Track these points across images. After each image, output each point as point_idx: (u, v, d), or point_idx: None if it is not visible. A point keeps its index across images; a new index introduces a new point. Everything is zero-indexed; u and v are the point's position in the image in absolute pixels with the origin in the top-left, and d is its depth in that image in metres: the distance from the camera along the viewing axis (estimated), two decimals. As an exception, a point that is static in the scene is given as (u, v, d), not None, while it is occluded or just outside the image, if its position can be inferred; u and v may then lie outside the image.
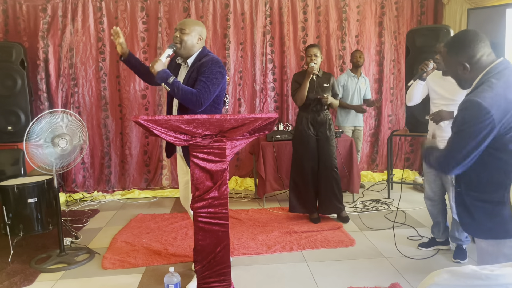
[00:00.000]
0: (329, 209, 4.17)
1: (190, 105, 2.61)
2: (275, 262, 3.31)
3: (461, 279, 1.26)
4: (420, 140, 2.48)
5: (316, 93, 3.97)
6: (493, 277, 1.24)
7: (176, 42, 2.72)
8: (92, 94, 5.41)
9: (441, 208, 3.34)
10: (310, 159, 4.06)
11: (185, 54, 2.76)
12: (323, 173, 4.08)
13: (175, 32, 2.76)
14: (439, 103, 3.16)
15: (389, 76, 5.81)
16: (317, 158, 4.08)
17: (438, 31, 4.40)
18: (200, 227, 2.45)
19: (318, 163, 4.09)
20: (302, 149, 4.07)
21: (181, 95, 2.59)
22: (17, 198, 3.44)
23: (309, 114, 4.04)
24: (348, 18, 5.65)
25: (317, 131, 4.04)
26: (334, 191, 4.09)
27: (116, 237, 3.92)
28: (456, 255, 3.22)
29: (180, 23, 2.78)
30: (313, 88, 3.97)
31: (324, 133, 4.04)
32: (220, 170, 2.42)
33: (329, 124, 4.08)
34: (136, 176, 5.57)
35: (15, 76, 4.68)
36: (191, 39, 2.74)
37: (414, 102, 3.27)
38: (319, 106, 4.01)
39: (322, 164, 4.07)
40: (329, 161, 4.06)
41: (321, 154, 4.06)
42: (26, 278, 3.11)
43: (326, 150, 4.05)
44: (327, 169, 4.06)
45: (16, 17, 5.24)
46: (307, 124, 4.04)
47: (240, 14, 5.52)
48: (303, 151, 4.06)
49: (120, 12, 5.34)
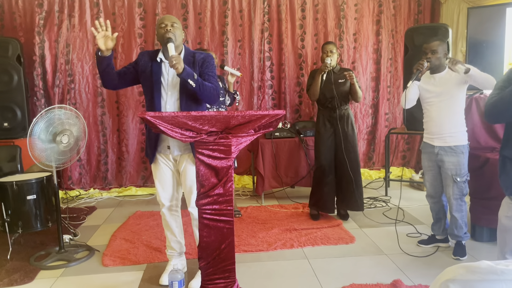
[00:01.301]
0: (352, 205, 4.12)
1: (211, 100, 2.63)
2: (276, 259, 3.31)
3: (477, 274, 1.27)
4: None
5: (330, 89, 3.95)
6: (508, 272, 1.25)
7: (170, 37, 2.62)
8: (89, 91, 5.37)
9: (442, 205, 3.37)
10: (328, 157, 4.05)
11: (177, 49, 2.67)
12: (342, 169, 4.04)
13: (166, 27, 2.65)
14: (433, 101, 3.19)
15: (386, 75, 5.83)
16: (335, 155, 4.06)
17: (437, 29, 4.43)
18: (205, 224, 2.44)
19: (335, 160, 4.07)
20: (320, 146, 4.07)
21: (205, 90, 2.59)
22: (16, 194, 3.41)
23: (325, 111, 4.05)
24: (346, 16, 5.66)
25: (334, 127, 4.02)
26: (352, 187, 4.05)
27: (115, 235, 3.90)
28: (456, 252, 3.25)
29: (168, 17, 2.70)
30: (328, 84, 3.96)
31: (342, 129, 4.00)
32: (226, 167, 2.42)
33: (348, 119, 4.04)
34: (133, 173, 5.54)
35: (11, 71, 4.63)
36: (180, 33, 2.72)
37: (411, 104, 3.29)
38: (334, 102, 3.99)
39: (341, 160, 4.02)
40: (352, 158, 4.01)
41: (338, 151, 4.03)
42: (26, 276, 3.09)
43: (348, 146, 4.00)
44: (345, 165, 4.00)
45: (12, 12, 5.17)
46: (324, 121, 4.04)
47: (238, 11, 5.50)
48: (321, 149, 4.06)
49: (118, 8, 5.30)
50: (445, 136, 3.15)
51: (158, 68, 2.73)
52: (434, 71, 3.19)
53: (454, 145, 3.12)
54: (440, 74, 3.17)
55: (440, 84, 3.15)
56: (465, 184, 3.17)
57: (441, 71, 3.17)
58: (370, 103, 5.85)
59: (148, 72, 2.72)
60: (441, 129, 3.16)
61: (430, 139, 3.26)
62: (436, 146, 3.20)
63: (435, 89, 3.17)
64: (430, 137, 3.25)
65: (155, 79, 2.70)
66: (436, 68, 3.16)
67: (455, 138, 3.12)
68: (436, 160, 3.22)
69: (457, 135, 3.13)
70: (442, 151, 3.17)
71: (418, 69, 3.09)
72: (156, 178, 2.89)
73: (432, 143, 3.23)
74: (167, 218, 2.98)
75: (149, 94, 2.73)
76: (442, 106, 3.15)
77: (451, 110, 3.13)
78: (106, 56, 2.64)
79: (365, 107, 5.83)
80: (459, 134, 3.13)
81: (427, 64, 3.09)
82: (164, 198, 2.93)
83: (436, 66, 3.15)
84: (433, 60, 3.10)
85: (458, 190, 3.15)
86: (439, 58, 3.11)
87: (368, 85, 5.81)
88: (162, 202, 2.93)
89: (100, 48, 2.60)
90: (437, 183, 3.30)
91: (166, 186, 2.90)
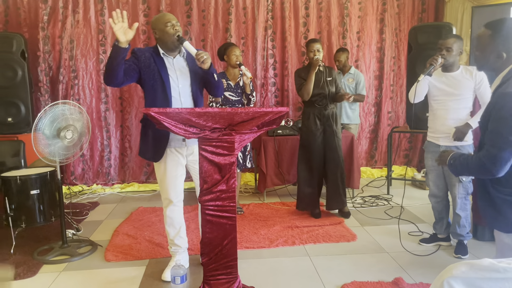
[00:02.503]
0: (337, 204, 4.17)
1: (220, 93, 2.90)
2: (278, 256, 3.33)
3: (479, 271, 1.28)
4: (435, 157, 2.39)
5: (321, 87, 3.98)
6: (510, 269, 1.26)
7: (181, 35, 2.73)
8: (92, 87, 5.38)
9: (446, 204, 3.38)
10: (318, 154, 4.07)
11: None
12: (331, 167, 4.09)
13: (174, 26, 2.72)
14: (442, 99, 3.18)
15: (389, 73, 5.83)
16: (324, 153, 4.08)
17: (441, 28, 4.42)
18: (207, 220, 2.46)
19: (325, 158, 4.10)
20: (311, 145, 4.07)
21: (220, 83, 2.85)
22: (20, 189, 3.43)
23: (316, 109, 4.05)
24: (349, 14, 5.65)
25: (324, 125, 4.05)
26: (340, 185, 4.11)
27: (118, 230, 3.92)
28: (458, 250, 3.26)
29: (171, 16, 2.77)
30: (319, 82, 3.98)
31: (330, 127, 4.04)
32: (229, 163, 2.43)
33: (335, 118, 4.09)
34: (135, 169, 5.56)
35: (15, 67, 4.65)
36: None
37: (419, 99, 3.27)
38: (324, 100, 4.01)
39: (330, 158, 4.07)
40: (336, 155, 4.07)
41: (328, 148, 4.06)
42: (29, 270, 3.11)
43: (333, 144, 4.05)
44: (335, 163, 4.07)
45: (17, 7, 5.19)
46: (314, 119, 4.04)
47: (242, 8, 5.50)
48: (312, 147, 4.06)
49: (122, 4, 5.31)
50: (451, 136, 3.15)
51: (163, 63, 2.78)
52: (446, 69, 3.16)
53: (460, 145, 3.12)
54: (453, 73, 3.14)
55: (451, 84, 3.13)
56: (470, 184, 3.17)
57: (454, 70, 3.14)
58: (373, 101, 5.85)
59: (154, 67, 2.74)
60: (448, 128, 3.16)
61: (435, 138, 3.25)
62: (441, 146, 3.20)
63: (445, 88, 3.15)
64: (436, 136, 3.25)
65: (164, 73, 2.75)
66: (449, 66, 3.13)
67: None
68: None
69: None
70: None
71: (432, 64, 3.05)
72: (166, 175, 2.85)
73: (438, 142, 3.23)
74: (175, 214, 2.95)
75: (160, 88, 2.74)
76: (450, 105, 3.14)
77: (459, 110, 3.12)
78: (125, 48, 2.54)
79: (368, 105, 5.82)
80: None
81: (441, 60, 3.07)
82: (173, 194, 2.89)
83: (449, 64, 3.11)
84: (447, 57, 3.09)
85: (464, 189, 3.16)
86: (453, 56, 3.08)
87: (371, 84, 5.81)
88: (170, 199, 2.90)
89: (119, 39, 2.50)
90: (440, 182, 3.30)
91: (177, 182, 2.89)
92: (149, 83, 2.76)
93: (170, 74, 2.77)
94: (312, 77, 3.92)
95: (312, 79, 3.92)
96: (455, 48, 3.06)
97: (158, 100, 2.74)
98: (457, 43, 3.07)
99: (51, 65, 5.25)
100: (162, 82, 2.73)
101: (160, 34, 2.75)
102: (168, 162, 2.83)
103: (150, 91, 2.77)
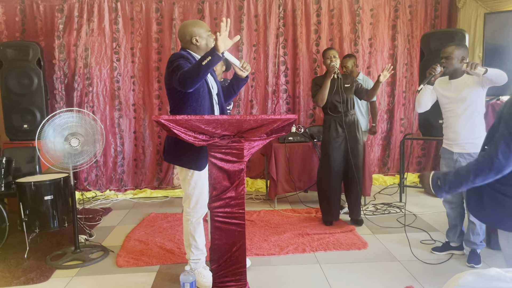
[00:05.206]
0: (358, 212, 4.19)
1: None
2: (288, 263, 3.32)
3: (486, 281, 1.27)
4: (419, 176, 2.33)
5: (335, 93, 3.96)
6: (518, 280, 1.24)
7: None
8: (106, 94, 5.47)
9: (460, 211, 3.32)
10: (342, 163, 4.05)
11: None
12: (354, 175, 4.06)
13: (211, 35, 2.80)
14: (450, 107, 3.16)
15: (401, 80, 5.79)
16: (347, 160, 4.05)
17: (453, 35, 4.39)
18: (216, 227, 2.47)
19: (347, 165, 4.05)
20: (333, 153, 4.02)
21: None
22: (34, 195, 3.48)
23: (336, 117, 4.02)
24: (361, 21, 5.65)
25: (346, 132, 4.01)
26: (360, 193, 4.15)
27: (130, 236, 3.95)
28: (471, 259, 3.21)
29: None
30: (336, 89, 3.96)
31: (353, 134, 4.02)
32: (238, 170, 2.44)
33: (357, 124, 4.07)
34: (148, 175, 5.61)
35: (31, 75, 4.76)
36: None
37: (424, 108, 3.27)
38: (345, 107, 3.99)
39: (354, 165, 4.03)
40: (359, 162, 4.06)
41: (352, 156, 4.01)
42: (42, 274, 3.16)
43: (357, 151, 4.03)
44: (357, 170, 4.05)
45: (34, 17, 5.31)
46: (336, 127, 4.01)
47: (254, 16, 5.55)
48: (335, 155, 4.02)
49: (136, 13, 5.40)
50: (464, 143, 3.11)
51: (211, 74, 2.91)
52: (451, 76, 3.15)
53: (473, 152, 3.08)
54: (457, 80, 3.13)
55: (456, 90, 3.12)
56: None
57: (458, 77, 3.13)
58: (385, 108, 5.82)
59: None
60: (459, 136, 3.13)
61: (449, 145, 3.23)
62: (455, 153, 3.17)
63: (451, 95, 3.14)
64: (449, 143, 3.22)
65: (209, 81, 2.83)
66: (453, 74, 3.13)
67: (474, 144, 3.06)
68: (455, 166, 3.17)
69: (476, 141, 3.04)
70: (461, 157, 3.13)
71: (431, 73, 3.06)
72: (205, 183, 2.76)
73: (451, 149, 3.20)
74: (202, 225, 2.95)
75: (207, 95, 2.77)
76: (459, 112, 3.11)
77: (469, 117, 3.09)
78: (222, 57, 2.53)
79: (380, 112, 5.79)
80: (478, 141, 3.05)
81: (440, 69, 3.06)
82: (206, 204, 2.81)
83: (452, 72, 3.11)
84: (448, 65, 3.08)
85: None
86: (453, 64, 3.07)
87: (384, 90, 5.78)
88: (205, 209, 2.88)
89: (219, 48, 2.45)
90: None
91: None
92: (199, 89, 2.73)
93: (210, 82, 2.84)
94: (327, 84, 3.91)
95: (327, 86, 3.91)
96: (455, 56, 3.05)
97: (205, 107, 2.75)
98: (458, 51, 3.06)
99: (66, 73, 5.36)
100: (209, 89, 2.79)
101: (202, 41, 2.77)
102: (206, 171, 2.76)
103: (197, 98, 2.72)
